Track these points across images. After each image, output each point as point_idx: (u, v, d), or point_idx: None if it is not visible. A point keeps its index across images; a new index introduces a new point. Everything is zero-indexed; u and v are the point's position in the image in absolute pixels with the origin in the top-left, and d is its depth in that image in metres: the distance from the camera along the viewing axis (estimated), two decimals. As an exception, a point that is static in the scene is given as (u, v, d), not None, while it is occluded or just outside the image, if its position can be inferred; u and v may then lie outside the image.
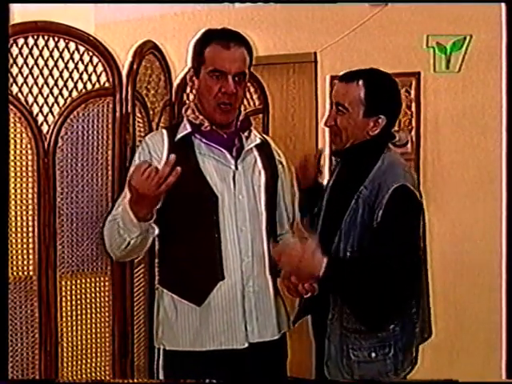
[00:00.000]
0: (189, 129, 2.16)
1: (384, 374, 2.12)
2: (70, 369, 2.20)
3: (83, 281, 2.21)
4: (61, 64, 2.16)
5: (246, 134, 2.21)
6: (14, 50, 2.08)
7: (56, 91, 2.15)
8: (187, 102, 2.55)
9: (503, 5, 3.21)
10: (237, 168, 2.16)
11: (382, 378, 2.13)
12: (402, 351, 2.13)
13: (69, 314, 2.19)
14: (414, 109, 3.72)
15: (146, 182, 1.91)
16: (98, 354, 2.25)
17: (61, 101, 2.16)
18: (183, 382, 2.11)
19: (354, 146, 2.15)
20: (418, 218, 2.10)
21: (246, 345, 2.15)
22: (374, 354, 2.11)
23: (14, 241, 2.09)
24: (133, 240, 2.03)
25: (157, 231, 2.06)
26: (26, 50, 2.10)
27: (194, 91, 2.21)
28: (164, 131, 2.20)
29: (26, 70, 2.11)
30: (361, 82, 2.10)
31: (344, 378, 2.13)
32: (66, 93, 2.17)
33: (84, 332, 2.22)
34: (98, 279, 2.23)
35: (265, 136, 2.38)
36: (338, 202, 2.16)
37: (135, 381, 2.31)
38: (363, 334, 2.10)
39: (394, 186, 2.02)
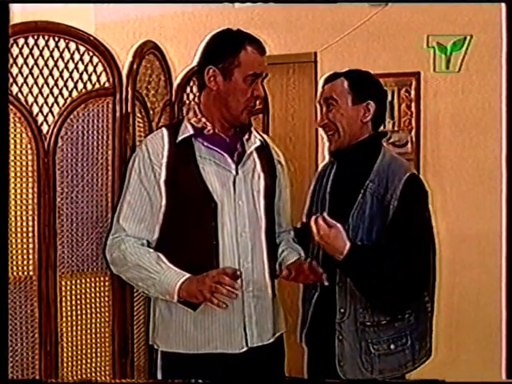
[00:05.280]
0: (191, 131, 2.14)
1: (403, 364, 2.17)
2: (69, 369, 2.20)
3: (83, 281, 2.21)
4: (61, 64, 2.16)
5: (246, 136, 2.21)
6: (15, 50, 2.08)
7: (56, 91, 2.15)
8: (187, 101, 2.55)
9: (503, 5, 3.21)
10: (237, 173, 2.15)
11: (401, 370, 2.17)
12: (418, 340, 2.18)
13: (69, 314, 2.19)
14: (413, 109, 3.72)
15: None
16: (98, 354, 2.25)
17: (61, 101, 2.16)
18: (182, 382, 2.11)
19: (352, 146, 2.21)
20: (428, 205, 2.18)
21: (245, 349, 2.14)
22: (393, 346, 2.14)
23: (14, 241, 2.09)
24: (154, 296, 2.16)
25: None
26: (26, 50, 2.10)
27: (213, 90, 2.13)
28: (165, 132, 2.17)
29: (26, 70, 2.11)
30: (343, 78, 2.22)
31: (363, 375, 2.14)
32: (66, 93, 2.17)
33: (84, 332, 2.22)
34: (97, 279, 2.23)
35: (263, 135, 2.37)
36: (342, 200, 2.19)
37: (135, 381, 2.31)
38: (381, 327, 2.13)
39: (405, 175, 2.11)
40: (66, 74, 2.16)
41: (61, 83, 2.16)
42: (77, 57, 2.17)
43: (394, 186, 2.09)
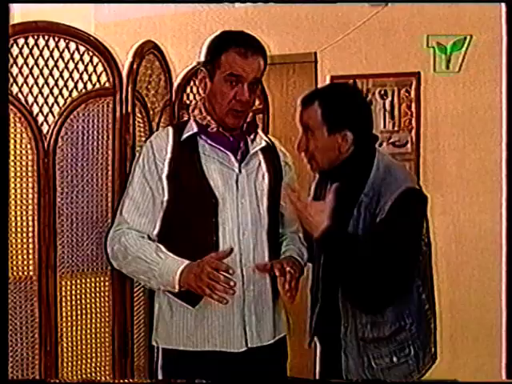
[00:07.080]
0: (195, 129, 2.15)
1: (408, 374, 2.13)
2: (69, 369, 2.20)
3: (83, 281, 2.21)
4: (61, 64, 2.16)
5: (251, 136, 2.20)
6: (15, 50, 2.08)
7: (56, 91, 2.15)
8: (187, 101, 2.56)
9: (503, 5, 3.22)
10: (240, 171, 2.15)
11: (406, 380, 2.13)
12: (421, 349, 2.15)
13: (69, 314, 2.19)
14: (413, 109, 3.72)
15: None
16: (98, 354, 2.25)
17: (61, 101, 2.16)
18: (182, 382, 2.11)
19: (341, 164, 2.12)
20: (421, 220, 2.10)
21: (244, 348, 2.14)
22: (395, 358, 2.11)
23: (13, 241, 2.09)
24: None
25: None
26: (26, 50, 2.10)
27: (205, 91, 2.16)
28: (170, 130, 2.18)
29: (26, 70, 2.11)
30: (316, 103, 2.11)
31: None
32: (66, 93, 2.17)
33: (84, 332, 2.22)
34: (97, 279, 2.23)
35: (271, 138, 2.37)
36: (340, 215, 2.11)
37: (135, 381, 2.31)
38: (382, 341, 2.10)
39: (398, 191, 2.01)
40: (66, 74, 2.17)
41: (61, 83, 2.16)
42: (77, 57, 2.17)
43: (385, 201, 2.02)
